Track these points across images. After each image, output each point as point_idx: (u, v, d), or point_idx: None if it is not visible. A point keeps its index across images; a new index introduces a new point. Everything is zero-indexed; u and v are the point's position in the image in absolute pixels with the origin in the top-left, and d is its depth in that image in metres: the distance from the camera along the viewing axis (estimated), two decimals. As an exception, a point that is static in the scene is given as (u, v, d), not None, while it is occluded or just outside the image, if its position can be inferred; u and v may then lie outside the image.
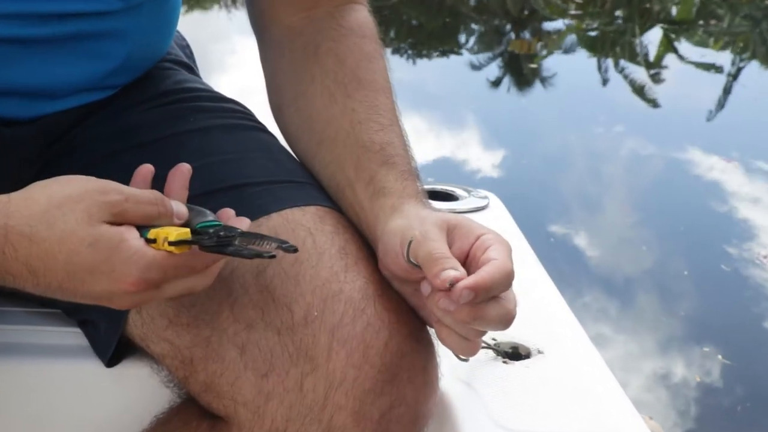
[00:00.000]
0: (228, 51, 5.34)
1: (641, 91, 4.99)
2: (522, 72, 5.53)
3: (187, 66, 0.92)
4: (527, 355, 0.81)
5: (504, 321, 0.62)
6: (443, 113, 4.42)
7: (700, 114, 4.60)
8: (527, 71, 5.50)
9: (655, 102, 4.86)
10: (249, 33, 0.87)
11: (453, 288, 0.59)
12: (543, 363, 0.80)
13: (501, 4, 7.51)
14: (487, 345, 0.81)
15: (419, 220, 0.65)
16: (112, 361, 0.74)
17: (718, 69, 5.51)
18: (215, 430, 0.68)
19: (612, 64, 5.77)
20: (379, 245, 0.68)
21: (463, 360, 0.69)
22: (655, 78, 5.24)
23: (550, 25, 7.00)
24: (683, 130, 4.34)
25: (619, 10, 7.22)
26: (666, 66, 5.71)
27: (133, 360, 0.75)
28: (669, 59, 5.93)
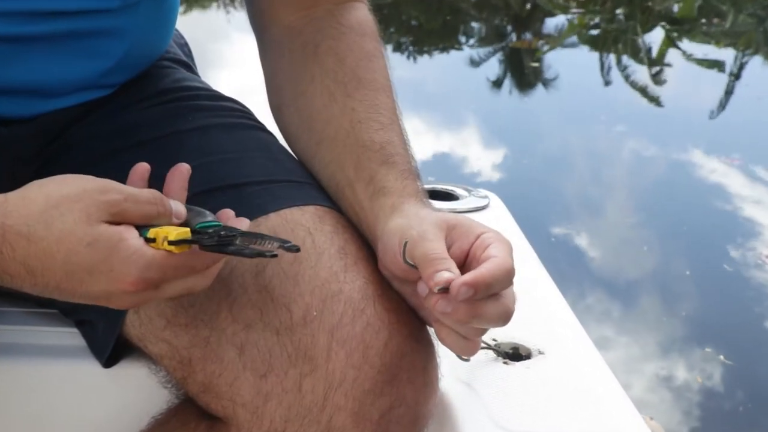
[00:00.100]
0: (227, 50, 5.33)
1: (644, 91, 4.98)
2: (524, 71, 5.52)
3: (186, 64, 0.91)
4: (528, 356, 0.81)
5: (502, 318, 0.61)
6: (443, 112, 4.41)
7: (702, 113, 4.59)
8: (529, 70, 5.49)
9: (658, 101, 4.85)
10: (248, 32, 0.86)
11: (451, 286, 0.59)
12: (544, 363, 0.80)
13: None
14: (488, 345, 0.81)
15: (418, 219, 0.65)
16: (109, 362, 0.74)
17: (721, 66, 5.49)
18: (214, 430, 0.68)
19: (614, 61, 5.76)
20: (379, 245, 0.68)
21: (465, 360, 0.69)
22: (657, 79, 5.22)
23: (551, 25, 6.98)
24: (686, 129, 4.33)
25: (620, 8, 7.20)
26: (669, 63, 5.70)
27: (131, 360, 0.74)
28: (672, 56, 5.91)
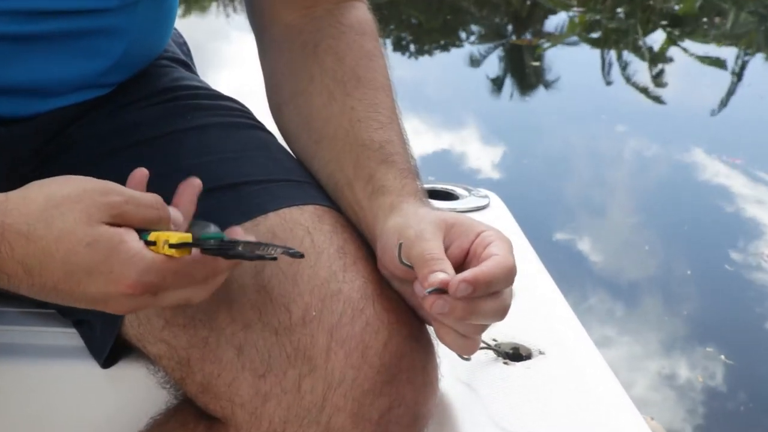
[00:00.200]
0: (226, 52, 5.33)
1: (645, 91, 4.98)
2: (524, 69, 5.52)
3: (185, 63, 0.91)
4: (528, 356, 0.81)
5: (499, 313, 0.61)
6: (443, 111, 4.41)
7: (703, 111, 4.59)
8: (529, 69, 5.49)
9: (660, 99, 4.84)
10: (246, 33, 0.86)
11: (450, 283, 0.58)
12: (544, 364, 0.80)
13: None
14: (488, 346, 0.80)
15: (417, 218, 0.65)
16: (107, 362, 0.74)
17: (722, 65, 5.48)
18: (212, 431, 0.68)
19: (614, 57, 5.76)
20: (378, 244, 0.68)
21: (466, 359, 0.68)
22: (658, 81, 5.22)
23: (551, 25, 6.98)
24: (687, 127, 4.32)
25: (621, 7, 7.19)
26: (671, 58, 5.68)
27: (129, 361, 0.74)
28: (672, 53, 5.90)
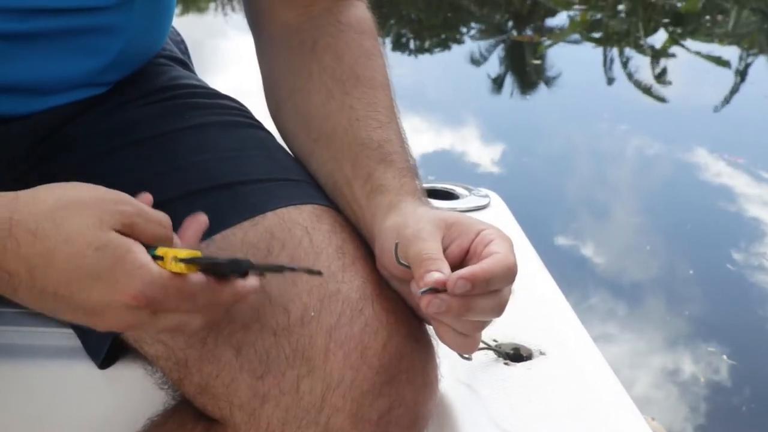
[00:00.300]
0: (224, 52, 5.33)
1: (648, 90, 4.97)
2: (525, 67, 5.51)
3: (182, 62, 0.91)
4: (529, 357, 0.80)
5: (497, 310, 0.61)
6: (443, 110, 4.40)
7: (706, 110, 4.58)
8: (530, 68, 5.48)
9: (662, 98, 4.84)
10: (245, 33, 0.86)
11: (448, 280, 0.58)
12: (545, 364, 0.79)
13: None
14: (488, 346, 0.80)
15: (415, 217, 0.64)
16: (105, 363, 0.73)
17: (725, 63, 5.47)
18: (210, 432, 0.67)
19: (616, 53, 5.75)
20: (376, 244, 0.67)
21: (467, 359, 0.68)
22: (662, 79, 5.21)
23: (552, 24, 6.97)
24: (690, 126, 4.32)
25: (622, 4, 7.18)
26: (674, 54, 5.67)
27: (127, 361, 0.74)
28: (675, 51, 5.90)
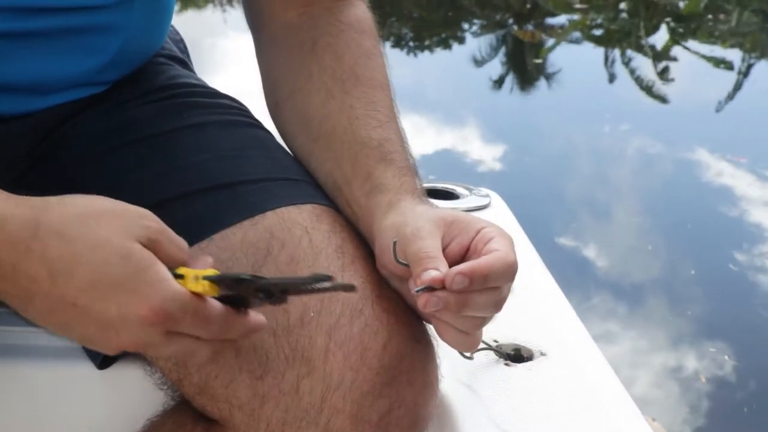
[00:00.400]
0: (223, 50, 5.33)
1: (649, 89, 4.96)
2: (526, 67, 5.51)
3: (181, 61, 0.91)
4: (529, 358, 0.80)
5: (495, 306, 0.61)
6: (444, 109, 4.40)
7: (708, 110, 4.57)
8: (531, 66, 5.48)
9: (664, 98, 4.83)
10: (244, 31, 0.86)
11: (445, 276, 0.58)
12: (546, 365, 0.79)
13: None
14: (489, 347, 0.80)
15: (414, 216, 0.64)
16: (104, 364, 0.73)
17: (728, 64, 5.46)
18: (210, 433, 0.67)
19: (618, 54, 5.75)
20: (376, 243, 0.67)
21: (468, 358, 0.68)
22: (663, 76, 5.20)
23: (553, 22, 6.97)
24: (692, 126, 4.31)
25: (624, 2, 7.17)
26: (675, 58, 5.67)
27: (126, 362, 0.73)
28: (676, 52, 5.89)
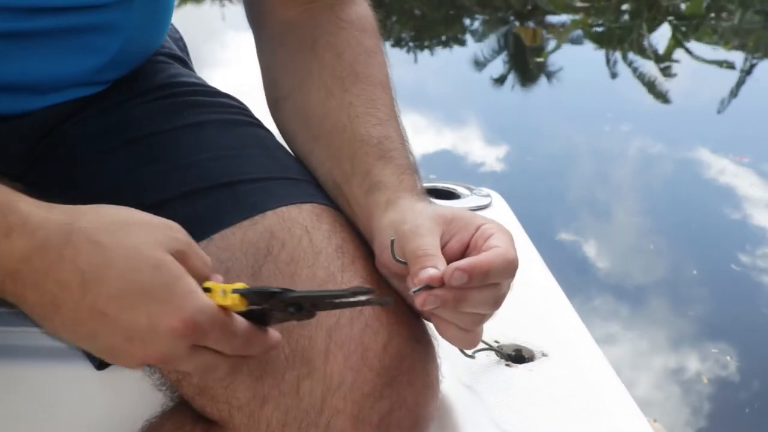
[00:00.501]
0: (222, 48, 5.33)
1: (652, 86, 4.95)
2: (528, 67, 5.51)
3: (181, 59, 0.90)
4: (531, 358, 0.80)
5: (494, 303, 0.61)
6: (444, 108, 4.40)
7: (710, 109, 4.57)
8: (533, 65, 5.48)
9: (665, 97, 4.82)
10: (243, 29, 0.85)
11: (444, 272, 0.58)
12: (547, 366, 0.79)
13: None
14: (490, 347, 0.79)
15: (413, 213, 0.64)
16: (103, 365, 0.73)
17: (730, 65, 5.46)
18: (209, 434, 0.67)
19: (620, 56, 5.75)
20: (375, 242, 0.67)
21: (469, 356, 0.68)
22: (666, 72, 5.19)
23: (553, 20, 6.97)
24: (694, 125, 4.31)
25: (626, 3, 7.16)
26: (677, 60, 5.67)
27: (125, 363, 0.73)
28: (678, 55, 5.89)
